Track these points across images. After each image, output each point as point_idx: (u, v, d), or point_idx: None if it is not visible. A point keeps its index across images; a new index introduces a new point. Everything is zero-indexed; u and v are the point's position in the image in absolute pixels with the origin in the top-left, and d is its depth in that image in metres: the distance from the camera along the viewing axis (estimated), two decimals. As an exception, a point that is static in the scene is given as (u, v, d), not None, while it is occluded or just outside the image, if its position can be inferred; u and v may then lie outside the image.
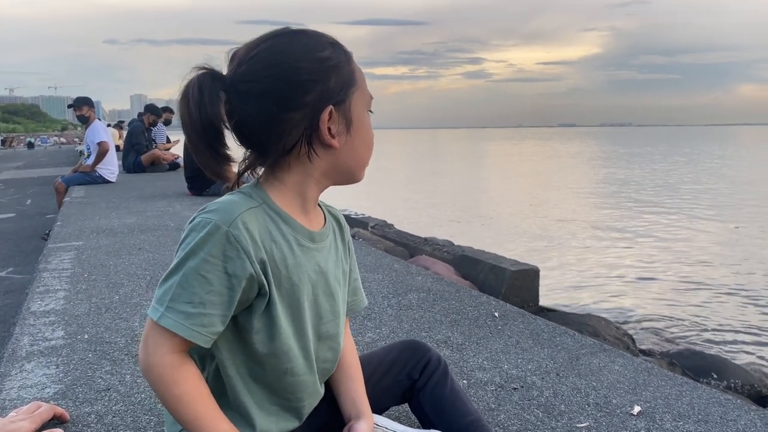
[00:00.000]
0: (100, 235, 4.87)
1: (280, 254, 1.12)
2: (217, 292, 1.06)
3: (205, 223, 1.06)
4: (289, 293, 1.15)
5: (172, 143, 13.04)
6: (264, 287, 1.10)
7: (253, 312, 1.13)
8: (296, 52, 1.09)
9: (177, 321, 1.05)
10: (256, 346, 1.15)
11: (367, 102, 1.18)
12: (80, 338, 2.52)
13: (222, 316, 1.08)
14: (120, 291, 3.26)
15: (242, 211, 1.09)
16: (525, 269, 4.76)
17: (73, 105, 8.61)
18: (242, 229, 1.06)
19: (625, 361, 2.29)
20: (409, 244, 6.69)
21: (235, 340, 1.16)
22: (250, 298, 1.12)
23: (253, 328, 1.14)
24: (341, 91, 1.12)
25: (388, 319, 2.78)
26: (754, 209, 13.65)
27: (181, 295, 1.05)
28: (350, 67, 1.15)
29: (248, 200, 1.12)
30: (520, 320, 2.77)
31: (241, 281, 1.07)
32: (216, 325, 1.08)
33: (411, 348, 1.55)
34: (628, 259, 8.58)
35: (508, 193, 18.15)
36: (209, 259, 1.05)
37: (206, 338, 1.08)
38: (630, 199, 15.86)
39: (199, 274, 1.05)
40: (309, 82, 1.09)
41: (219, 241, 1.05)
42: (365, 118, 1.17)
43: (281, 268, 1.13)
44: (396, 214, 11.29)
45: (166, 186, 8.46)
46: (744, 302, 6.50)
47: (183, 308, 1.05)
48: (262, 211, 1.12)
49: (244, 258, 1.06)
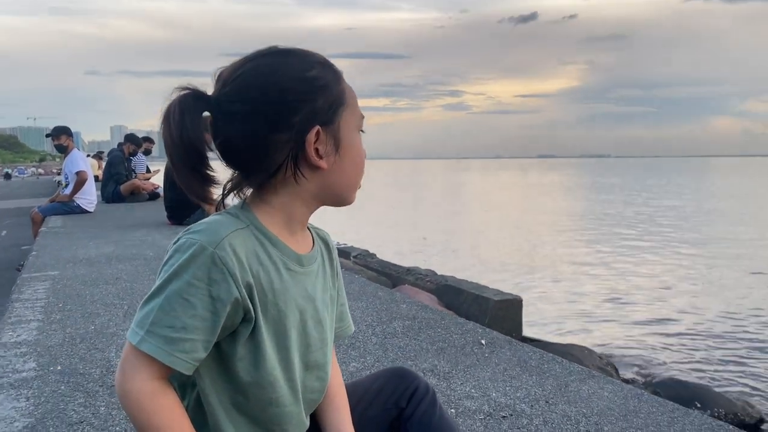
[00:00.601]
0: (76, 265, 4.76)
1: (267, 278, 1.08)
2: (200, 317, 1.00)
3: (190, 243, 1.01)
4: (275, 319, 1.10)
5: (152, 173, 12.94)
6: (250, 312, 1.05)
7: (238, 338, 1.07)
8: (283, 72, 1.07)
9: (157, 346, 0.99)
10: (239, 375, 1.09)
11: (358, 122, 1.15)
12: (53, 369, 2.43)
13: (205, 341, 1.02)
14: (96, 321, 3.16)
15: (229, 232, 1.04)
16: (508, 299, 4.74)
17: (51, 134, 8.51)
18: (229, 251, 1.02)
19: (615, 388, 2.25)
20: (391, 273, 6.64)
21: (218, 367, 1.10)
22: (234, 324, 1.06)
23: (237, 355, 1.08)
24: (329, 111, 1.09)
25: (372, 347, 2.72)
26: (733, 241, 13.83)
27: (163, 318, 1.00)
28: (339, 86, 1.12)
29: (235, 221, 1.08)
30: (507, 348, 2.72)
31: (226, 305, 1.01)
32: (198, 351, 1.02)
33: (398, 375, 1.50)
34: (609, 289, 8.60)
35: (489, 223, 18.22)
36: (193, 281, 1.00)
37: (187, 365, 1.02)
38: (610, 229, 16.00)
39: (182, 297, 1.00)
40: (295, 102, 1.06)
41: (204, 263, 1.00)
42: (355, 138, 1.14)
43: (268, 293, 1.08)
44: (378, 243, 11.25)
45: (145, 215, 8.35)
46: (724, 330, 6.53)
47: (164, 332, 0.99)
48: (250, 232, 1.08)
49: (230, 281, 1.01)
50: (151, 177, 12.62)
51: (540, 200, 28.18)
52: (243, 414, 1.14)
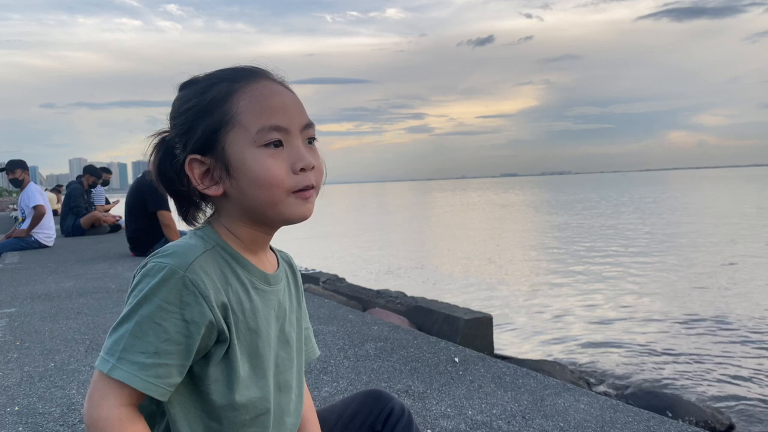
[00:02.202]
0: (35, 301, 4.59)
1: (237, 299, 1.06)
2: (173, 341, 0.98)
3: (160, 267, 0.99)
4: (248, 340, 1.08)
5: (111, 204, 12.68)
6: (224, 333, 1.03)
7: (211, 360, 1.05)
8: (174, 108, 1.12)
9: (130, 372, 0.96)
10: (212, 398, 1.06)
11: (256, 137, 1.06)
12: (9, 411, 2.31)
13: (180, 366, 1.00)
14: (56, 358, 3.04)
15: (199, 254, 1.03)
16: (479, 317, 4.74)
17: (6, 168, 8.30)
18: (200, 273, 1.00)
19: (590, 400, 2.25)
20: (361, 297, 6.59)
21: (189, 393, 1.07)
22: (208, 346, 1.04)
23: (210, 377, 1.05)
24: (206, 136, 1.07)
25: (345, 371, 2.67)
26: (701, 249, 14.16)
27: (135, 344, 0.97)
28: (223, 107, 1.07)
29: (203, 242, 1.07)
30: (481, 364, 2.70)
31: (200, 328, 0.99)
32: (173, 375, 0.99)
33: (373, 398, 1.47)
34: (576, 303, 8.68)
35: (456, 243, 18.32)
36: (165, 305, 0.97)
37: (162, 390, 0.99)
38: (572, 243, 16.23)
39: (154, 321, 0.97)
40: (177, 136, 1.09)
41: (175, 286, 0.98)
42: (249, 157, 1.06)
43: (239, 313, 1.06)
44: (347, 267, 11.19)
45: (107, 248, 8.15)
46: (691, 339, 6.63)
47: (137, 359, 0.97)
48: (217, 253, 1.07)
49: (202, 303, 0.99)
50: (111, 209, 12.37)
51: (505, 218, 28.50)
52: None
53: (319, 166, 1.10)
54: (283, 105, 1.09)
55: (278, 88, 1.11)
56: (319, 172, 1.10)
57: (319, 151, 1.13)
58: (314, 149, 1.11)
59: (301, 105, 1.12)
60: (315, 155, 1.10)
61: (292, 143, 1.07)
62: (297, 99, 1.12)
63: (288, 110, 1.09)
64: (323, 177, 1.12)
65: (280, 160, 1.06)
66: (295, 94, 1.14)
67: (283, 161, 1.06)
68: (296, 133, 1.08)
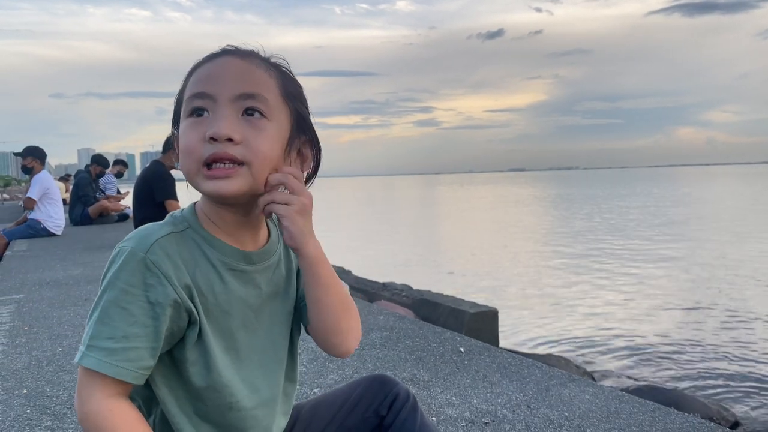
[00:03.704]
0: (43, 288, 4.62)
1: (206, 280, 1.04)
2: (140, 323, 0.97)
3: (121, 252, 0.99)
4: (221, 322, 1.07)
5: (122, 195, 12.73)
6: (193, 314, 1.02)
7: (186, 343, 1.04)
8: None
9: (99, 359, 0.96)
10: (192, 380, 1.06)
11: (188, 107, 1.03)
12: (18, 393, 2.33)
13: (150, 348, 0.99)
14: (64, 343, 3.06)
15: (160, 236, 1.01)
16: (484, 311, 4.74)
17: (20, 154, 8.38)
18: (161, 253, 0.99)
19: (596, 390, 2.24)
20: (367, 290, 6.61)
21: (173, 375, 1.07)
22: (182, 328, 1.03)
23: (188, 360, 1.05)
24: (176, 113, 1.08)
25: (350, 359, 2.68)
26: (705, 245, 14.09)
27: (102, 331, 0.96)
28: (183, 85, 1.07)
29: (172, 225, 1.06)
30: (486, 354, 2.70)
31: (165, 309, 0.98)
32: (145, 359, 0.98)
33: (378, 383, 1.46)
34: (582, 299, 8.66)
35: (463, 236, 18.29)
36: (128, 289, 0.96)
37: (134, 374, 0.98)
38: (579, 240, 16.18)
39: (119, 306, 0.96)
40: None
41: (137, 268, 0.97)
42: (183, 126, 1.04)
43: (208, 295, 1.05)
44: (353, 260, 11.20)
45: (114, 236, 8.18)
46: (697, 336, 6.61)
47: (105, 344, 0.96)
48: (187, 235, 1.05)
49: (165, 284, 0.98)
50: (122, 199, 12.41)
51: (512, 213, 28.42)
52: (206, 421, 1.11)
53: (252, 142, 0.99)
54: (214, 73, 1.02)
55: (227, 59, 1.03)
56: (250, 148, 0.99)
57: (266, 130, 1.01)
58: (253, 122, 1.00)
59: (245, 75, 1.02)
60: (249, 130, 1.00)
61: (217, 112, 0.99)
62: (243, 69, 1.02)
63: (218, 78, 1.01)
64: (261, 156, 1.00)
65: (196, 129, 1.00)
66: (251, 65, 1.03)
67: (200, 130, 0.99)
68: (224, 102, 1.00)
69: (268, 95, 1.04)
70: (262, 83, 1.04)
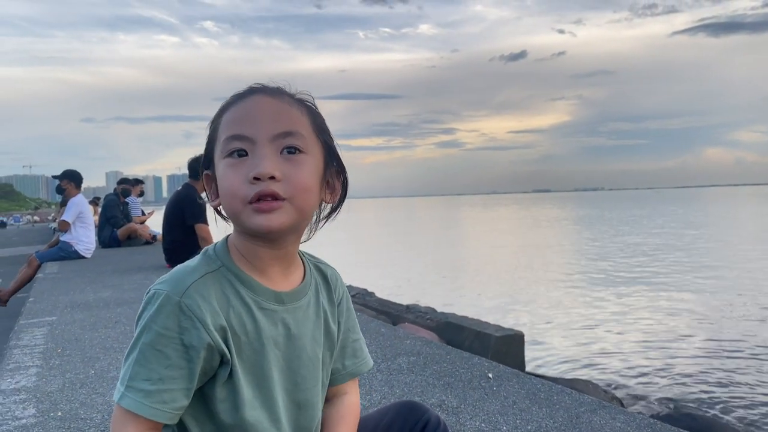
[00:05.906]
0: (74, 310, 4.71)
1: (239, 320, 1.07)
2: (176, 366, 1.00)
3: (158, 295, 1.02)
4: (252, 360, 1.09)
5: (147, 215, 12.91)
6: (226, 355, 1.04)
7: (217, 381, 1.06)
8: None
9: (136, 400, 0.99)
10: (221, 417, 1.08)
11: (224, 149, 1.06)
12: (53, 416, 2.37)
13: (185, 390, 1.02)
14: (96, 365, 3.11)
15: (196, 278, 1.04)
16: (510, 335, 4.70)
17: (58, 177, 8.65)
18: (196, 297, 1.02)
19: (627, 418, 2.21)
20: (391, 312, 6.59)
21: (202, 411, 1.09)
22: (214, 367, 1.05)
23: (217, 398, 1.07)
24: (207, 154, 1.13)
25: (378, 384, 2.68)
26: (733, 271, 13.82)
27: (140, 372, 1.00)
28: (215, 124, 1.11)
29: (207, 264, 1.09)
30: (515, 380, 2.68)
31: (199, 352, 1.01)
32: (179, 399, 1.02)
33: (408, 408, 1.46)
34: (610, 323, 8.53)
35: (487, 258, 18.18)
36: (164, 332, 1.00)
37: (169, 414, 1.01)
38: (606, 263, 15.98)
39: (155, 348, 1.00)
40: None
41: (172, 312, 1.00)
42: (219, 169, 1.09)
43: (240, 335, 1.07)
44: (376, 281, 11.19)
45: (143, 259, 8.31)
46: (728, 361, 6.46)
47: (142, 386, 0.99)
48: (221, 274, 1.08)
49: (199, 327, 1.01)
50: (146, 219, 12.58)
51: (536, 234, 28.20)
52: None
53: (293, 177, 1.04)
54: (251, 114, 1.05)
55: (259, 98, 1.08)
56: (291, 184, 1.03)
57: (305, 165, 1.06)
58: (292, 160, 1.05)
59: (281, 114, 1.06)
60: (289, 166, 1.04)
61: (257, 152, 1.03)
62: (277, 109, 1.07)
63: (255, 119, 1.05)
64: (302, 190, 1.05)
65: (238, 170, 1.03)
66: (284, 104, 1.08)
67: (242, 171, 1.03)
68: (264, 143, 1.04)
69: (304, 131, 1.08)
70: (296, 120, 1.08)
